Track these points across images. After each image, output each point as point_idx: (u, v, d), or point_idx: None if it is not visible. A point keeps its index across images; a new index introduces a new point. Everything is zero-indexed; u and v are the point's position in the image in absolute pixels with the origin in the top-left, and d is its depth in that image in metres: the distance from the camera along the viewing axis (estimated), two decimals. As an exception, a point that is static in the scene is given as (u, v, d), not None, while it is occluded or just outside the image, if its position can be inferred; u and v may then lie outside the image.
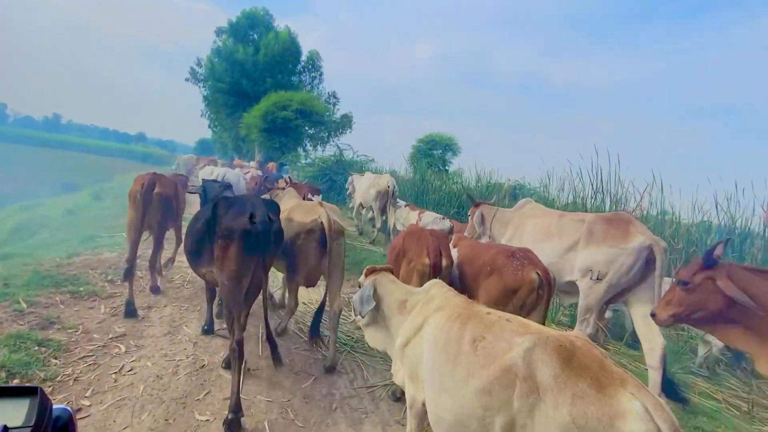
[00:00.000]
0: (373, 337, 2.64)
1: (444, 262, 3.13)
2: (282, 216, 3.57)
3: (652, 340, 3.33)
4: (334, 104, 25.15)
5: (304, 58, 26.81)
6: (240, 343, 2.90)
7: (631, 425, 1.32)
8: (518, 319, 1.88)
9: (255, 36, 25.67)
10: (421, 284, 2.67)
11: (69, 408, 0.88)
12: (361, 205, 9.42)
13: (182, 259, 5.65)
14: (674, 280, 2.54)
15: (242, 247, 2.87)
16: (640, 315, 3.45)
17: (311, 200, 6.71)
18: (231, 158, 22.15)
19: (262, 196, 4.51)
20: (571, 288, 3.77)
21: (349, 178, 10.39)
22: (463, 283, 3.27)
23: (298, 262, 3.72)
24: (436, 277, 2.76)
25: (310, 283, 3.93)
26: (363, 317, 2.55)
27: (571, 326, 4.68)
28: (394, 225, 8.26)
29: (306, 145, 22.21)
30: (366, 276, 2.61)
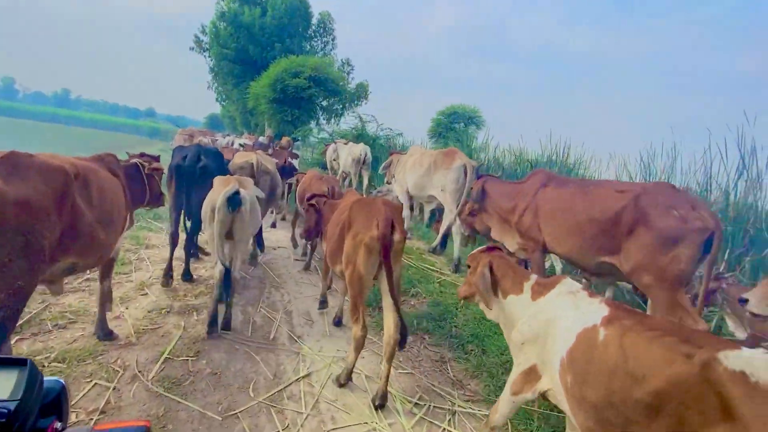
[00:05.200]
0: None
1: (396, 236, 2.69)
2: (231, 162, 4.94)
3: (448, 220, 5.38)
4: (349, 73, 21.69)
5: (314, 21, 23.15)
6: (172, 235, 4.20)
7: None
8: None
9: (261, -5, 21.92)
10: (368, 261, 2.65)
11: (62, 380, 0.80)
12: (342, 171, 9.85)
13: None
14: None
15: (176, 179, 4.15)
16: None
17: (291, 163, 7.68)
18: (240, 134, 19.17)
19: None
20: (432, 199, 5.87)
21: (324, 147, 10.93)
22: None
23: None
24: (388, 253, 2.61)
25: None
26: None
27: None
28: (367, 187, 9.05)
29: (319, 117, 19.10)
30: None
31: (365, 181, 8.94)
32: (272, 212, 7.94)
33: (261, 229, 5.02)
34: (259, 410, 2.56)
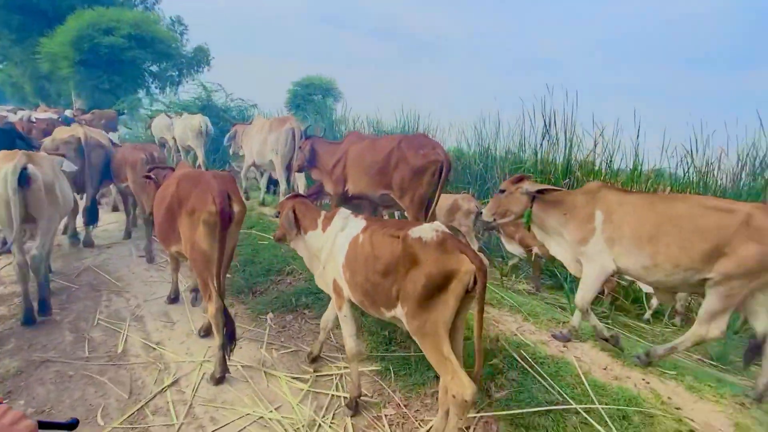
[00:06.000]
0: None
1: (236, 207, 2.71)
2: (47, 138, 4.68)
3: (282, 185, 5.94)
4: (182, 33, 18.68)
5: (127, -35, 18.90)
6: None
7: None
8: None
9: None
10: (209, 236, 2.60)
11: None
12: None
13: None
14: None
15: None
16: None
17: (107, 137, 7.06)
18: (35, 106, 14.81)
19: None
20: (273, 166, 6.03)
21: (149, 119, 10.05)
22: None
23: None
24: (227, 227, 2.61)
25: (77, 190, 4.66)
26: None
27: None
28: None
29: (150, 86, 16.17)
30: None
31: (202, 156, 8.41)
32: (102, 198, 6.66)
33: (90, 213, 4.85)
34: (115, 438, 2.14)
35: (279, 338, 3.19)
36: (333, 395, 2.58)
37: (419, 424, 2.35)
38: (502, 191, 3.11)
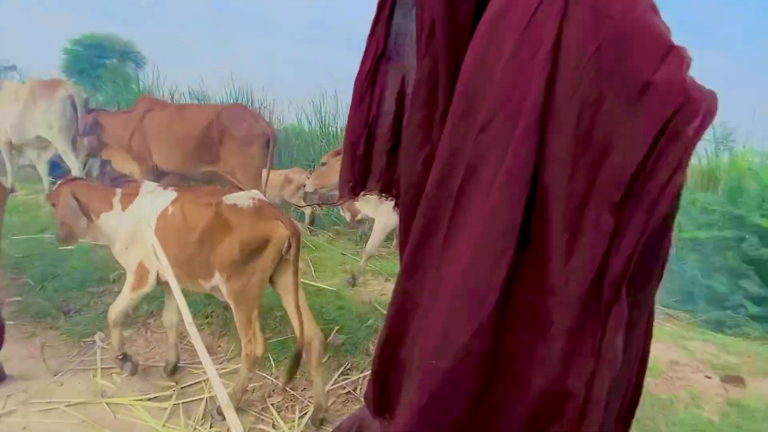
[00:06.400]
0: None
1: None
2: None
3: (73, 166, 4.67)
4: None
5: None
6: None
7: None
8: None
9: None
10: None
11: None
12: None
13: None
14: None
15: None
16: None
17: None
18: None
19: None
20: (43, 142, 4.80)
21: None
22: None
23: None
24: None
25: None
26: None
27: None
28: None
29: None
30: None
31: None
32: None
33: None
34: None
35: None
36: (207, 399, 2.30)
37: (308, 401, 2.34)
38: (324, 164, 3.33)
